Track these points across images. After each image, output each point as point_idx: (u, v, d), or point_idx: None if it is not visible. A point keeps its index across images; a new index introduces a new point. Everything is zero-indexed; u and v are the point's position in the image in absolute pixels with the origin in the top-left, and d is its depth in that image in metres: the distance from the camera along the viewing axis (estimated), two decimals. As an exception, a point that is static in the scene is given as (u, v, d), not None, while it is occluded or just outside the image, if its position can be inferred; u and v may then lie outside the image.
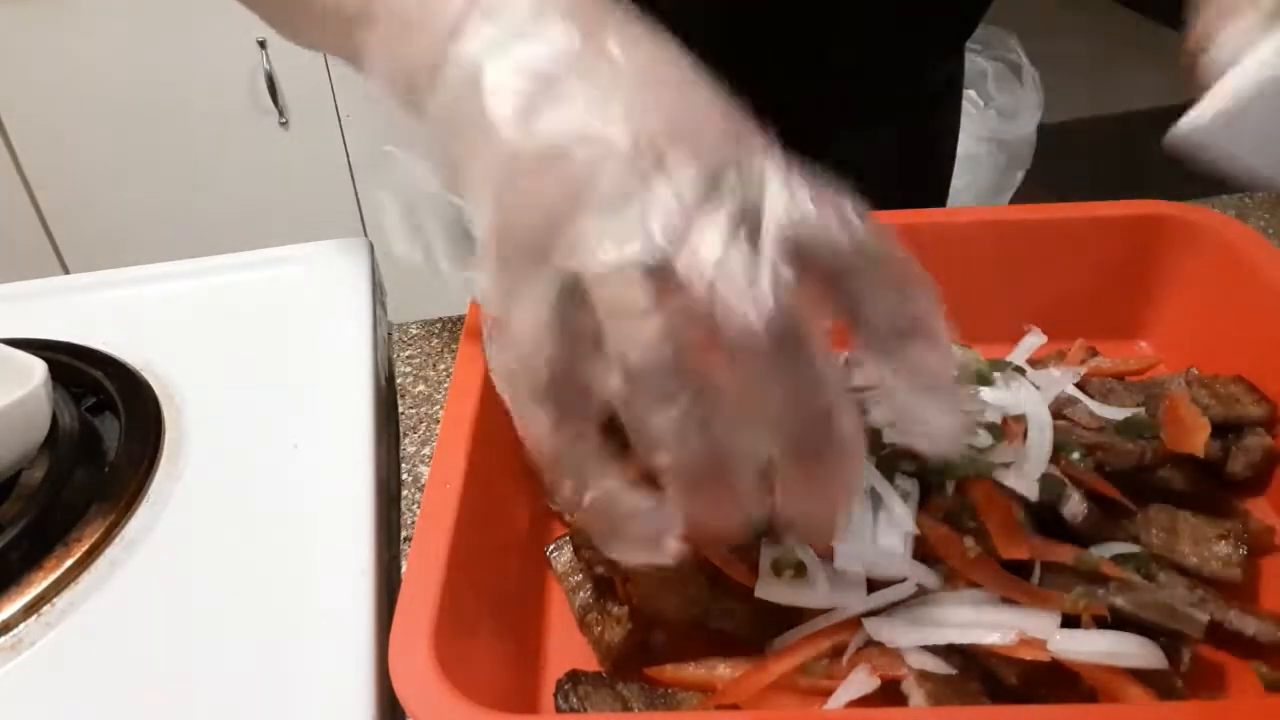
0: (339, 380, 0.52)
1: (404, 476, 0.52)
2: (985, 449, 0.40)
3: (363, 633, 0.39)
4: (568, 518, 0.45)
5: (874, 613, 0.37)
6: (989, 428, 0.41)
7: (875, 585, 0.38)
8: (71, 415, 0.48)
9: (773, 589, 0.38)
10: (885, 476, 0.39)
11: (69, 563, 0.42)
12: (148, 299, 0.60)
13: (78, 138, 1.56)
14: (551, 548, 0.43)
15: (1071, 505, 0.39)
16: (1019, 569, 0.37)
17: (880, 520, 0.38)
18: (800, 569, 0.38)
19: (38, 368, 0.46)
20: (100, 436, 0.50)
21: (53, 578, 0.41)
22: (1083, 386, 0.47)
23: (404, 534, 0.48)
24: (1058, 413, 0.44)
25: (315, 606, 0.40)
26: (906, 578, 0.37)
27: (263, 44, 1.52)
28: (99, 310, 0.58)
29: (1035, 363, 0.49)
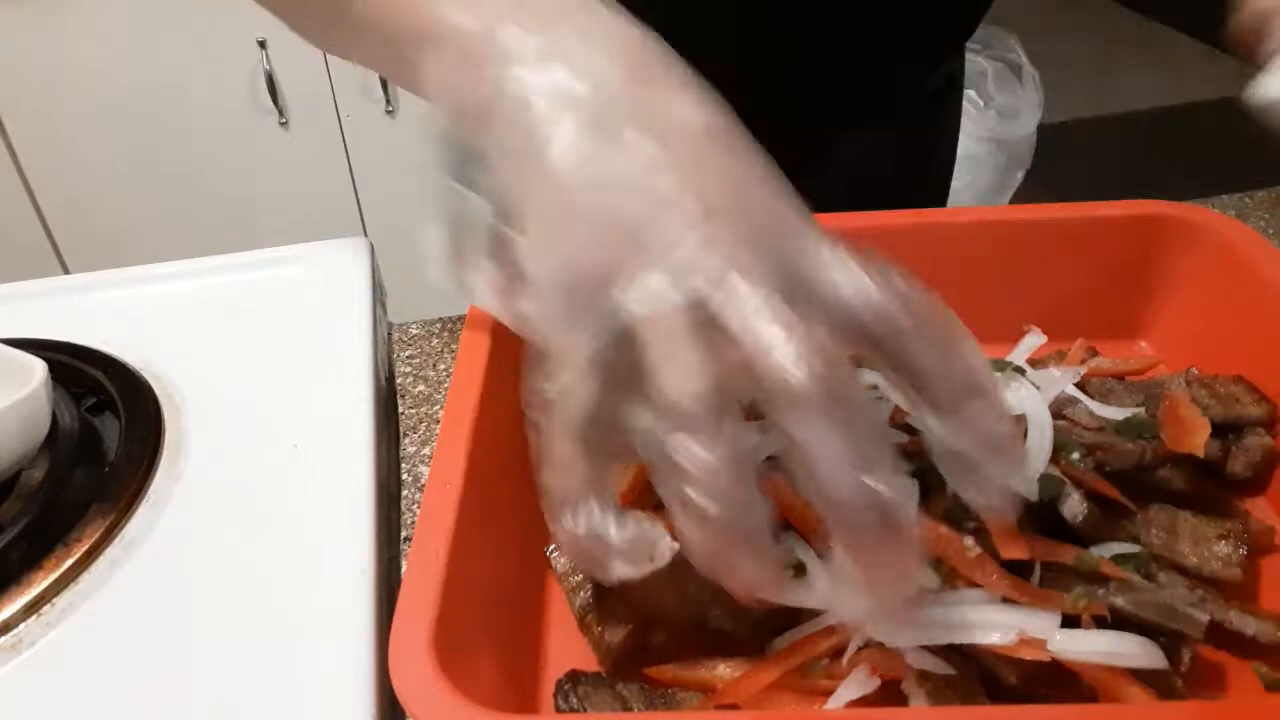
0: (339, 380, 0.52)
1: (404, 476, 0.52)
2: None
3: (363, 633, 0.39)
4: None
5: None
6: None
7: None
8: (71, 415, 0.48)
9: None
10: None
11: (69, 563, 0.42)
12: (148, 299, 0.60)
13: (78, 138, 1.56)
14: (552, 548, 0.43)
15: (1071, 505, 0.39)
16: (1019, 569, 0.37)
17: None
18: (800, 569, 0.37)
19: (38, 368, 0.46)
20: (100, 436, 0.50)
21: (53, 578, 0.41)
22: (1083, 386, 0.47)
23: (404, 534, 0.48)
24: (1058, 413, 0.44)
25: (315, 606, 0.40)
26: None
27: (263, 44, 1.52)
28: (99, 310, 0.59)
29: (1035, 363, 0.49)
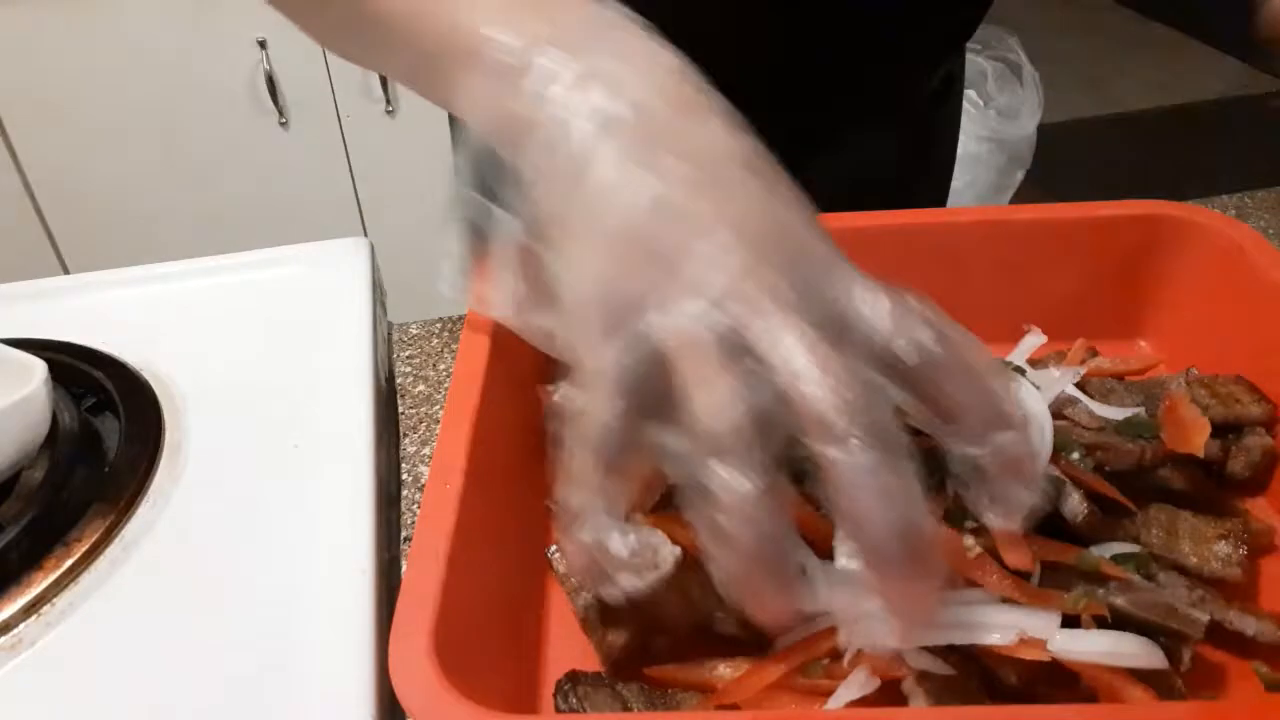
0: (339, 380, 0.52)
1: (404, 476, 0.52)
2: None
3: (363, 633, 0.39)
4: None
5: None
6: None
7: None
8: (71, 415, 0.48)
9: None
10: None
11: (69, 563, 0.42)
12: (148, 299, 0.60)
13: (78, 138, 1.56)
14: (553, 550, 0.43)
15: (1071, 505, 0.39)
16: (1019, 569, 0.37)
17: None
18: (800, 569, 0.37)
19: (38, 368, 0.46)
20: (100, 436, 0.50)
21: (53, 578, 0.41)
22: (1083, 386, 0.47)
23: (404, 534, 0.48)
24: (1058, 413, 0.44)
25: (315, 606, 0.40)
26: None
27: (263, 44, 1.52)
28: (99, 310, 0.59)
29: (1035, 363, 0.49)
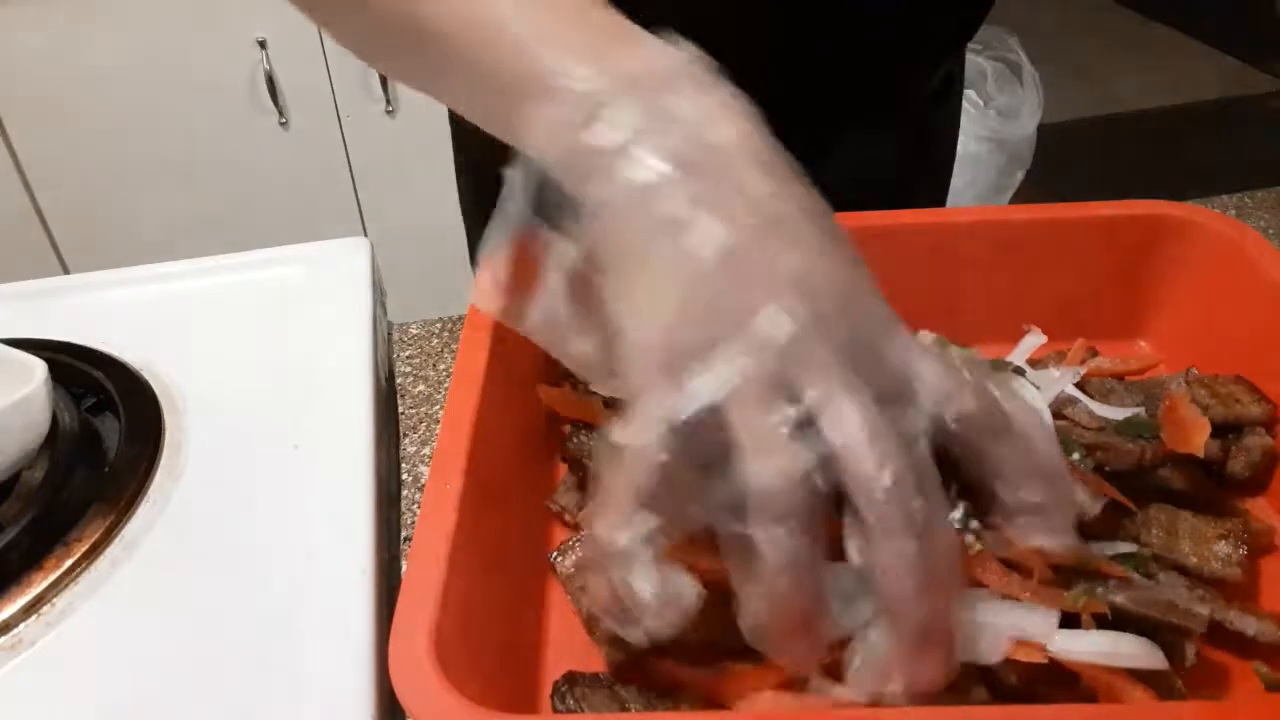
0: (339, 380, 0.52)
1: (404, 476, 0.52)
2: None
3: (363, 633, 0.39)
4: (568, 518, 0.45)
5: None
6: None
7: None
8: (71, 415, 0.48)
9: None
10: None
11: (69, 563, 0.42)
12: (148, 299, 0.60)
13: (78, 138, 1.56)
14: (555, 554, 0.43)
15: (1082, 502, 0.39)
16: (1019, 566, 0.37)
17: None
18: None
19: (38, 368, 0.46)
20: (100, 436, 0.50)
21: (53, 578, 0.41)
22: (1083, 386, 0.47)
23: (404, 534, 0.48)
24: (1058, 413, 0.44)
25: (315, 606, 0.40)
26: None
27: (263, 44, 1.52)
28: (99, 310, 0.59)
29: (1035, 363, 0.49)
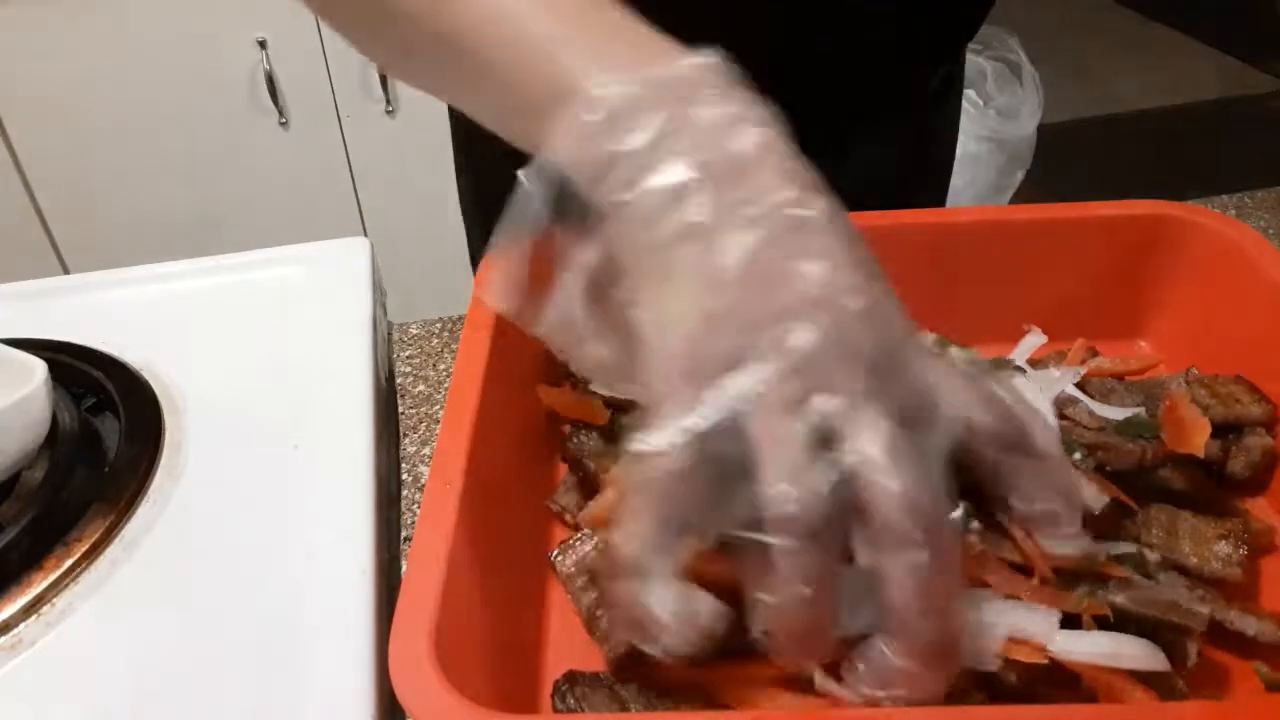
0: (339, 380, 0.52)
1: (404, 476, 0.52)
2: None
3: (363, 633, 0.39)
4: (568, 518, 0.45)
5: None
6: None
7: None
8: (71, 415, 0.48)
9: None
10: None
11: (69, 563, 0.42)
12: (148, 299, 0.60)
13: (78, 138, 1.56)
14: (555, 553, 0.42)
15: (1089, 496, 0.39)
16: (1020, 566, 0.37)
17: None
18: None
19: (38, 368, 0.46)
20: (100, 436, 0.50)
21: (53, 578, 0.41)
22: (1083, 386, 0.47)
23: (404, 534, 0.48)
24: (1058, 413, 0.44)
25: (315, 606, 0.40)
26: None
27: (263, 44, 1.52)
28: (99, 310, 0.59)
29: (1035, 363, 0.49)
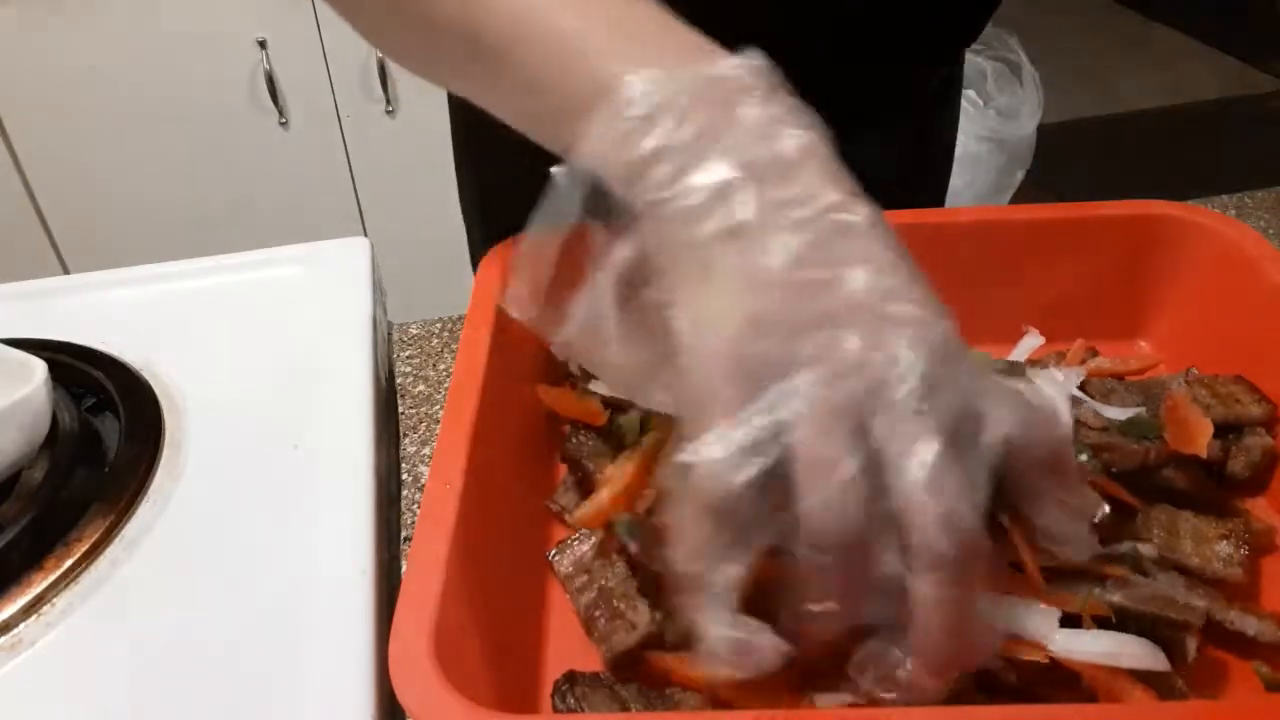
0: (339, 380, 0.52)
1: (404, 476, 0.52)
2: None
3: (363, 633, 0.39)
4: (567, 518, 0.45)
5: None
6: None
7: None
8: (71, 415, 0.48)
9: None
10: None
11: (69, 562, 0.42)
12: (148, 299, 0.60)
13: (78, 138, 1.56)
14: (554, 553, 0.43)
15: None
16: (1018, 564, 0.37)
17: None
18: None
19: (38, 368, 0.46)
20: (100, 436, 0.50)
21: (53, 578, 0.41)
22: (1083, 387, 0.47)
23: (404, 534, 0.48)
24: (1059, 413, 0.44)
25: (315, 606, 0.40)
26: None
27: (263, 44, 1.52)
28: (99, 310, 0.58)
29: (1034, 363, 0.49)
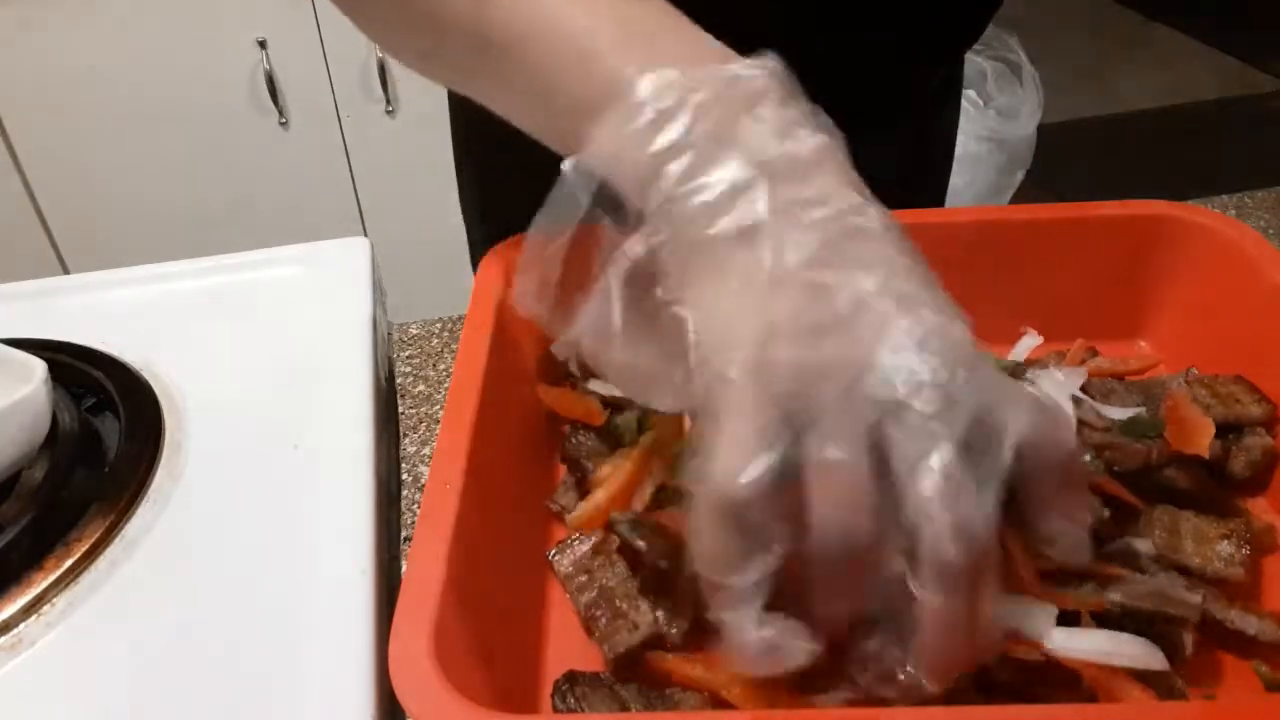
0: (339, 380, 0.52)
1: (404, 476, 0.52)
2: None
3: (363, 633, 0.39)
4: (567, 518, 0.45)
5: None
6: None
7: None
8: (71, 415, 0.48)
9: None
10: None
11: (69, 563, 0.42)
12: (148, 299, 0.60)
13: (78, 138, 1.56)
14: (554, 552, 0.43)
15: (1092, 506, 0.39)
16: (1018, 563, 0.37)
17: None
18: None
19: (38, 368, 0.46)
20: (100, 436, 0.50)
21: (53, 578, 0.41)
22: (1083, 387, 0.47)
23: (404, 534, 0.48)
24: (1059, 413, 0.44)
25: (315, 606, 0.40)
26: None
27: (263, 44, 1.52)
28: (99, 310, 0.58)
29: (1034, 363, 0.49)
